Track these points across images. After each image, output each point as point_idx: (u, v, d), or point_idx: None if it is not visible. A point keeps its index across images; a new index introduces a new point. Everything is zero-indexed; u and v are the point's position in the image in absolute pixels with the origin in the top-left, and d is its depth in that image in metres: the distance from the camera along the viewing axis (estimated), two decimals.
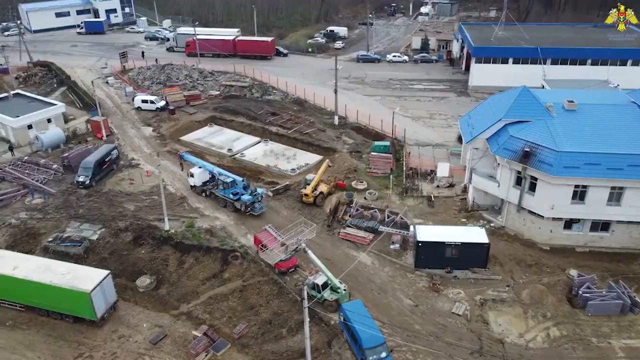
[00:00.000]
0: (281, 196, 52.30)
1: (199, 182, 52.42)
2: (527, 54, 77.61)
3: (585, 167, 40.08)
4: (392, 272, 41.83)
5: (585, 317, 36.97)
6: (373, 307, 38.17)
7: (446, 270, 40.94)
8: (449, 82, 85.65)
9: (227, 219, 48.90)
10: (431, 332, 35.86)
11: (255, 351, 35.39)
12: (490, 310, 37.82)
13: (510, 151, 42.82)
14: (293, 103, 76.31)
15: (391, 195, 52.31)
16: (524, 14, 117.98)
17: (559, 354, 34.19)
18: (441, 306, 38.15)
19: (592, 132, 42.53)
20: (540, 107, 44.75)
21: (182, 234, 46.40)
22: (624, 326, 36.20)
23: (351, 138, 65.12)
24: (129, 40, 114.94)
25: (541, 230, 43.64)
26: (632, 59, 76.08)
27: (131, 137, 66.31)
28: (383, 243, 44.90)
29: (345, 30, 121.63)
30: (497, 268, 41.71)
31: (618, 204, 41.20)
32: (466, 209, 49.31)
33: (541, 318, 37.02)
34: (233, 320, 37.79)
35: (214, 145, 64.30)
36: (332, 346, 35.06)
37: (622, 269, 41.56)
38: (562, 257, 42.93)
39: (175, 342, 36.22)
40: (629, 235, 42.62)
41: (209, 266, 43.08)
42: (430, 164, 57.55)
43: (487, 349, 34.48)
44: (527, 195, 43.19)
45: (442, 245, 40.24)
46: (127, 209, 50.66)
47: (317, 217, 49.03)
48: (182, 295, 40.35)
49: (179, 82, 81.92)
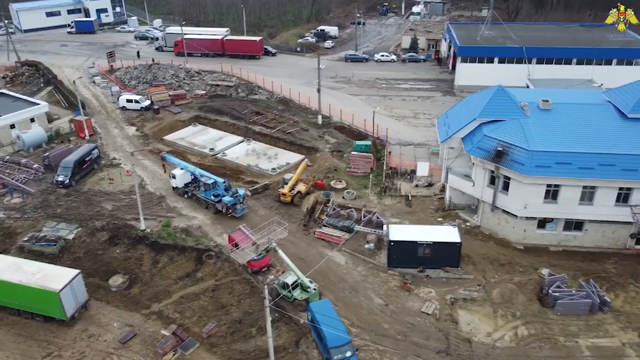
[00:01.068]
0: (259, 196, 52.33)
1: (180, 183, 52.30)
2: (512, 54, 77.67)
3: (556, 166, 40.13)
4: (365, 271, 41.86)
5: (555, 316, 37.00)
6: (343, 306, 38.28)
7: (418, 270, 40.98)
8: (436, 81, 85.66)
9: (204, 219, 48.94)
10: (399, 331, 35.91)
11: (224, 350, 35.41)
12: (460, 309, 37.85)
13: (484, 150, 42.87)
14: (278, 102, 76.31)
15: (369, 194, 52.34)
16: (513, 13, 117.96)
17: (526, 353, 34.22)
18: (411, 305, 38.19)
19: (566, 132, 42.56)
20: (515, 107, 44.79)
21: (157, 233, 46.44)
22: (592, 325, 36.23)
23: (334, 137, 65.16)
24: (119, 39, 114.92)
25: (515, 229, 43.69)
26: (617, 58, 76.09)
27: (114, 137, 66.32)
28: (358, 242, 44.96)
29: (336, 29, 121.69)
30: (470, 267, 41.76)
31: (590, 203, 41.24)
32: (443, 208, 49.37)
33: (510, 317, 37.06)
34: (203, 320, 37.79)
35: (196, 144, 64.32)
36: (300, 345, 35.08)
37: (594, 268, 41.60)
38: (535, 256, 42.99)
39: (145, 342, 36.22)
40: (602, 235, 42.67)
41: (183, 265, 43.10)
42: (411, 164, 57.51)
43: (454, 348, 34.52)
44: (500, 195, 43.24)
45: (414, 244, 40.28)
46: (104, 209, 50.69)
47: (294, 216, 49.08)
48: (154, 294, 40.36)
49: (165, 81, 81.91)
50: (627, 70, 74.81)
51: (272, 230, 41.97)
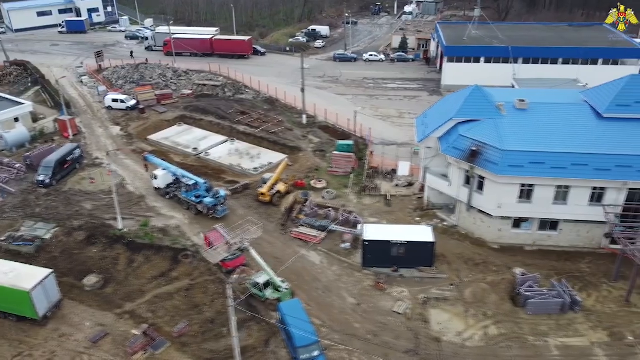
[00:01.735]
0: (239, 195, 52.35)
1: (162, 184, 52.20)
2: (498, 53, 77.70)
3: (529, 166, 40.16)
4: (340, 271, 41.90)
5: (526, 315, 37.00)
6: (316, 305, 38.34)
7: (393, 269, 41.01)
8: (423, 81, 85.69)
9: (183, 218, 48.96)
10: (369, 331, 35.94)
11: (194, 350, 35.43)
12: (432, 309, 37.86)
13: (459, 150, 42.90)
14: (264, 102, 76.32)
15: (349, 194, 52.38)
16: (503, 13, 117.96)
17: (494, 352, 34.25)
18: (383, 305, 38.21)
19: (541, 131, 42.58)
20: (491, 107, 44.80)
21: (135, 233, 46.46)
22: (562, 325, 36.25)
23: (317, 137, 65.20)
24: (110, 39, 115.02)
25: (490, 229, 43.73)
26: (603, 58, 76.12)
27: (98, 136, 66.32)
28: (334, 242, 45.01)
29: (327, 29, 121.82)
30: (445, 267, 41.79)
31: (564, 203, 41.27)
32: (422, 208, 49.41)
33: (482, 317, 37.08)
34: (176, 319, 37.75)
35: (180, 144, 64.34)
36: (269, 345, 35.13)
37: (569, 268, 41.64)
38: (510, 255, 43.03)
39: (116, 341, 36.20)
40: (577, 234, 42.70)
41: (159, 265, 43.15)
42: (392, 163, 57.58)
43: (423, 348, 34.55)
44: (476, 195, 43.28)
45: (387, 244, 40.31)
46: (84, 208, 50.70)
47: (272, 216, 49.14)
48: (127, 294, 40.35)
49: (153, 81, 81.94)
50: (612, 70, 74.50)
51: (246, 230, 42.01)
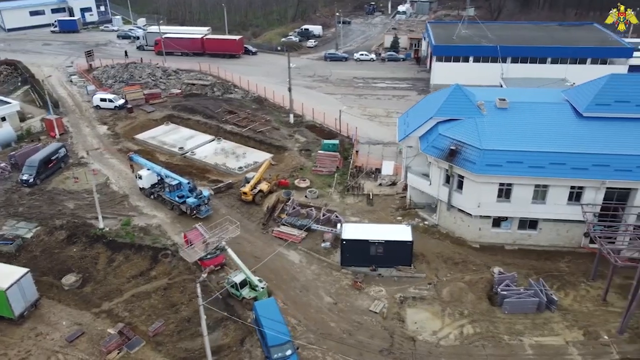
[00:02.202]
0: (222, 195, 52.33)
1: (147, 184, 52.03)
2: (487, 53, 77.59)
3: (507, 165, 40.12)
4: (319, 270, 41.87)
5: (502, 314, 36.95)
6: (292, 305, 38.33)
7: (371, 268, 40.98)
8: (413, 80, 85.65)
9: (165, 217, 48.94)
10: (345, 330, 35.91)
11: (169, 349, 35.41)
12: (409, 308, 37.83)
13: (438, 149, 42.87)
14: (252, 101, 76.32)
15: (332, 193, 52.35)
16: (495, 12, 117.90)
17: (468, 351, 34.22)
18: (360, 304, 38.18)
19: (521, 130, 42.52)
20: (472, 106, 44.74)
21: (116, 232, 46.46)
22: (538, 324, 36.21)
23: (304, 136, 65.18)
24: (102, 38, 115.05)
25: (470, 228, 43.71)
26: (591, 57, 76.05)
27: (85, 136, 66.30)
28: (315, 241, 45.00)
29: (320, 28, 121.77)
30: (424, 266, 41.77)
31: (543, 202, 41.24)
32: (404, 207, 49.39)
33: (458, 316, 37.05)
34: (152, 318, 37.72)
35: (166, 143, 64.33)
36: (245, 344, 35.11)
37: (548, 267, 41.62)
38: (490, 255, 43.00)
39: (92, 340, 36.15)
40: (556, 234, 42.67)
41: (138, 264, 43.10)
42: (377, 163, 57.54)
43: (397, 347, 34.53)
44: (455, 194, 43.26)
45: (366, 243, 40.27)
46: (66, 207, 50.71)
47: (254, 215, 49.13)
48: (105, 293, 40.31)
49: (142, 80, 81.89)
50: (601, 69, 74.35)
51: (225, 229, 41.96)
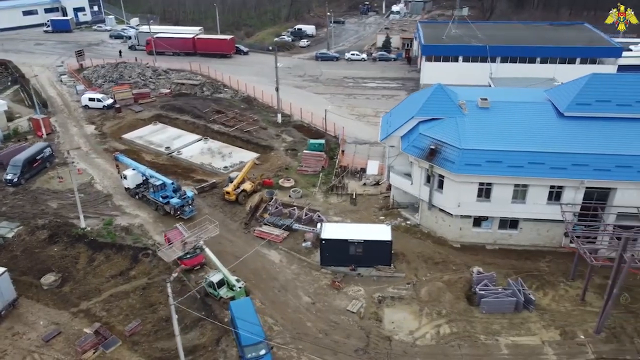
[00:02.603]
0: (206, 194, 52.27)
1: (132, 184, 51.87)
2: (476, 52, 77.59)
3: (486, 164, 40.05)
4: (298, 269, 41.80)
5: (480, 314, 36.86)
6: (270, 304, 38.27)
7: (350, 268, 40.92)
8: (403, 80, 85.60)
9: (147, 217, 48.88)
10: (321, 330, 35.83)
11: (145, 348, 35.33)
12: (387, 308, 37.74)
13: (419, 149, 42.81)
14: (242, 101, 76.34)
15: (316, 193, 52.29)
16: (488, 12, 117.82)
17: (444, 351, 34.14)
18: (338, 304, 38.10)
19: (501, 130, 42.46)
20: (453, 105, 44.67)
21: (97, 231, 46.43)
22: (515, 323, 36.12)
23: (291, 136, 65.13)
24: (95, 38, 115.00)
25: (451, 228, 43.65)
26: (580, 57, 76.01)
27: (72, 135, 66.26)
28: (296, 241, 44.95)
29: (313, 28, 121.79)
30: (404, 265, 41.69)
31: (523, 201, 41.18)
32: (387, 206, 49.33)
33: (435, 315, 36.96)
34: (130, 318, 37.63)
35: (153, 143, 64.27)
36: (220, 344, 35.04)
37: (528, 267, 41.55)
38: (471, 254, 42.92)
39: (68, 340, 36.06)
40: (537, 233, 42.61)
41: (118, 264, 43.02)
42: (363, 162, 57.51)
43: (373, 347, 34.45)
44: (436, 193, 43.19)
45: (345, 242, 40.19)
46: (50, 207, 50.67)
47: (237, 214, 49.07)
48: (84, 292, 40.22)
49: (132, 80, 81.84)
50: (590, 69, 74.25)
51: (204, 229, 41.93)
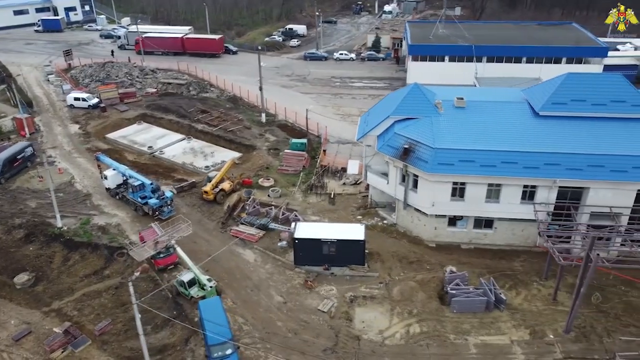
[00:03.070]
0: (185, 194, 52.21)
1: (112, 184, 51.67)
2: (462, 52, 77.58)
3: (459, 164, 40.01)
4: (272, 269, 41.75)
5: (451, 314, 36.81)
6: (242, 304, 38.23)
7: (324, 267, 40.87)
8: (390, 80, 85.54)
9: (125, 217, 48.83)
10: (291, 329, 35.79)
11: (114, 348, 35.31)
12: (359, 307, 37.68)
13: (393, 148, 42.77)
14: (227, 101, 76.28)
15: (296, 192, 52.25)
16: (478, 12, 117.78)
17: (412, 350, 34.09)
18: (309, 303, 38.05)
19: (477, 129, 42.41)
20: (429, 105, 44.62)
21: (74, 231, 46.40)
22: (486, 323, 36.08)
23: (274, 136, 65.10)
24: (85, 38, 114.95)
25: (426, 227, 43.60)
26: (566, 56, 75.99)
27: (55, 135, 66.20)
28: (272, 240, 44.90)
29: (304, 28, 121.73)
30: (378, 265, 41.65)
31: (497, 201, 41.15)
32: (365, 206, 49.29)
33: (406, 315, 36.91)
34: (101, 317, 37.61)
35: (136, 142, 64.21)
36: (189, 343, 35.01)
37: (502, 266, 41.52)
38: (446, 254, 42.89)
39: (39, 339, 35.99)
40: (511, 233, 42.57)
41: (93, 263, 43.01)
42: (345, 162, 57.45)
43: (341, 346, 34.40)
44: (411, 193, 43.15)
45: (318, 242, 40.15)
46: (28, 206, 50.62)
47: (215, 214, 49.03)
48: (57, 292, 40.19)
49: (118, 79, 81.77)
50: (576, 69, 74.57)
51: (177, 228, 41.88)
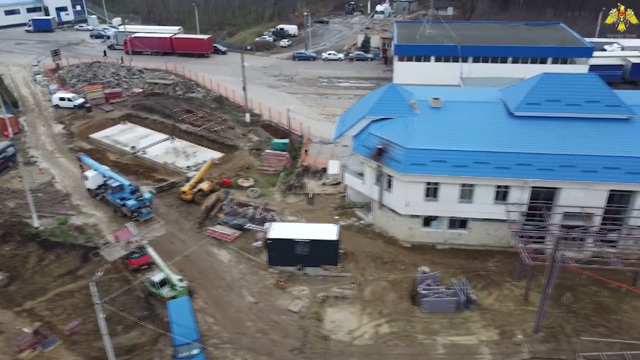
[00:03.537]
0: (164, 194, 52.24)
1: (92, 185, 51.48)
2: (448, 52, 77.58)
3: (431, 164, 40.01)
4: (246, 269, 41.77)
5: (421, 314, 36.82)
6: (213, 304, 38.26)
7: (297, 268, 40.90)
8: (377, 80, 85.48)
9: (102, 217, 48.84)
10: (260, 329, 35.81)
11: (83, 348, 35.32)
12: (330, 307, 37.69)
13: (367, 148, 42.77)
14: (213, 101, 76.29)
15: (275, 192, 52.27)
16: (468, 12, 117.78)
17: (380, 350, 34.11)
18: (281, 303, 38.06)
19: (450, 130, 42.36)
20: (404, 105, 44.60)
21: (51, 231, 46.42)
22: (456, 323, 36.10)
23: (257, 136, 65.13)
24: (75, 38, 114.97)
25: (401, 227, 43.62)
26: (552, 57, 76.01)
27: (39, 135, 66.22)
28: (247, 240, 44.93)
29: (295, 28, 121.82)
30: (352, 265, 41.67)
31: (470, 201, 41.15)
32: (343, 206, 49.31)
33: (377, 315, 36.92)
34: (72, 317, 37.63)
35: (119, 142, 64.22)
36: (158, 343, 35.03)
37: (476, 266, 41.54)
38: (421, 254, 42.90)
39: (9, 339, 35.94)
40: (486, 233, 42.57)
41: (68, 263, 43.00)
42: (326, 162, 57.42)
43: (309, 346, 34.42)
44: (386, 193, 43.16)
45: (291, 242, 40.16)
46: (6, 206, 50.56)
47: (193, 214, 49.03)
48: (30, 292, 40.14)
49: (105, 79, 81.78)
50: (562, 69, 74.76)
51: (150, 228, 41.90)
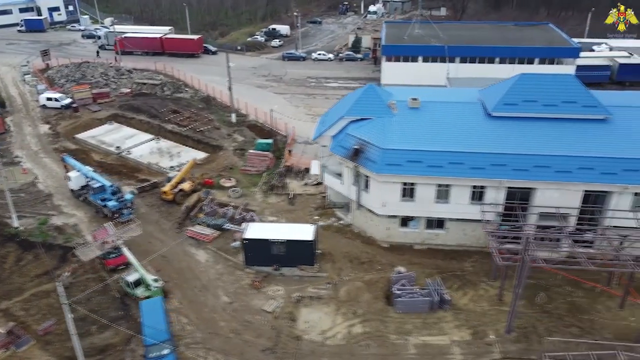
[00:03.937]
0: (145, 194, 52.27)
1: (75, 186, 51.41)
2: (435, 53, 77.63)
3: (407, 164, 40.06)
4: (223, 269, 41.84)
5: (395, 314, 36.88)
6: (187, 304, 38.33)
7: (273, 268, 40.95)
8: (366, 80, 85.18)
9: (83, 217, 48.91)
10: (233, 329, 35.88)
11: (57, 348, 35.40)
12: (304, 307, 37.76)
13: (344, 149, 42.83)
14: (200, 101, 76.35)
15: (256, 193, 52.33)
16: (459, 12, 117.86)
17: (352, 350, 34.17)
18: (255, 303, 38.12)
19: (428, 130, 42.46)
20: (382, 105, 44.66)
21: (30, 231, 46.48)
22: (429, 323, 36.15)
23: (242, 136, 65.19)
24: (67, 38, 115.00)
25: (379, 227, 43.69)
26: (539, 57, 76.07)
27: (25, 135, 66.25)
28: (226, 240, 45.00)
29: (287, 28, 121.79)
30: (329, 265, 41.73)
31: (446, 201, 41.21)
32: (323, 206, 49.37)
33: (351, 315, 36.98)
34: (47, 317, 37.71)
35: (105, 142, 64.28)
36: (130, 343, 35.08)
37: (453, 267, 41.62)
38: (398, 254, 42.97)
39: None
40: (463, 233, 42.63)
41: (46, 263, 43.03)
42: (309, 163, 57.48)
43: (281, 346, 34.49)
44: (363, 193, 43.22)
45: (266, 242, 40.22)
46: None
47: (173, 214, 49.10)
48: (6, 292, 40.21)
49: (94, 80, 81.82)
50: (549, 69, 74.86)
51: (126, 228, 41.94)
